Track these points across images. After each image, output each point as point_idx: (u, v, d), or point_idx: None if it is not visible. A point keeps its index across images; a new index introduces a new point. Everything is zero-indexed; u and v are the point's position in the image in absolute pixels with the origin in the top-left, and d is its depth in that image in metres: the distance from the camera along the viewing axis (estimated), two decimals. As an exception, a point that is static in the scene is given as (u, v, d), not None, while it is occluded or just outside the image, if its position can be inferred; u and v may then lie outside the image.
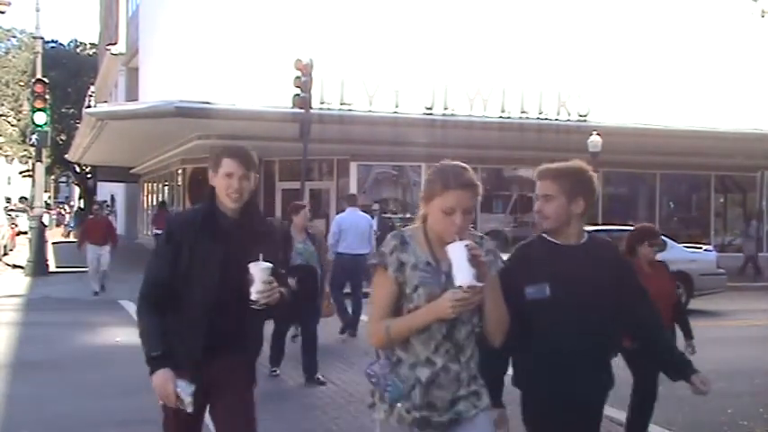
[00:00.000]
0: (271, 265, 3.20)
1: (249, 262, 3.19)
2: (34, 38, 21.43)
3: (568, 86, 20.19)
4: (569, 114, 20.32)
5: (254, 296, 3.17)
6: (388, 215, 21.27)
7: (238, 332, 3.39)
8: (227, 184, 3.33)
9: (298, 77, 16.54)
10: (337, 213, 12.97)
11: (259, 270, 3.17)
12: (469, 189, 2.80)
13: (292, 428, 6.14)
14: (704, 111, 20.94)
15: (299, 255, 7.80)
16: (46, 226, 21.95)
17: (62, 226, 41.39)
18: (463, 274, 2.66)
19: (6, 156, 67.32)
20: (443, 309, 2.68)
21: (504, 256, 3.11)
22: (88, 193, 58.79)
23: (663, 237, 15.98)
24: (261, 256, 3.20)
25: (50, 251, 22.58)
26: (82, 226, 17.72)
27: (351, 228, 10.85)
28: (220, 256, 3.33)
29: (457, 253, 2.69)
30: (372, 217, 19.66)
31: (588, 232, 3.32)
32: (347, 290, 10.95)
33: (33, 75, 20.93)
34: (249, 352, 3.52)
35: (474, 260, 2.68)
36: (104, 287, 15.78)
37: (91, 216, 17.27)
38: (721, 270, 14.99)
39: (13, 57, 58.76)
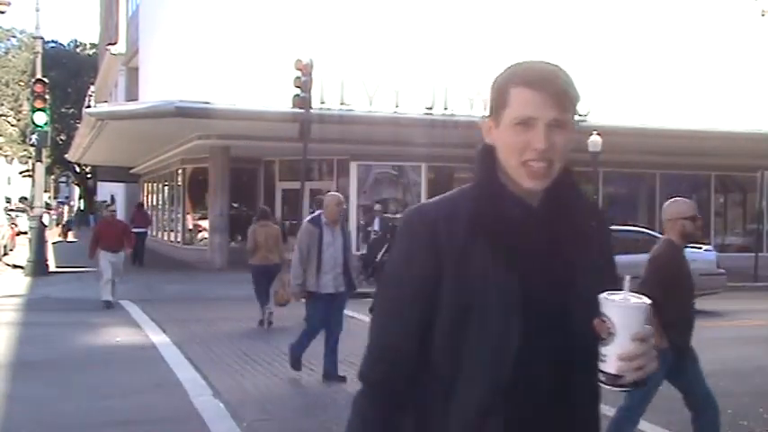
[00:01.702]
0: (649, 301, 1.54)
1: (579, 292, 1.61)
2: (34, 38, 21.42)
3: (568, 86, 20.17)
4: (569, 114, 20.32)
5: (614, 366, 1.52)
6: (388, 215, 21.25)
7: None
8: (522, 143, 1.64)
9: (298, 77, 16.56)
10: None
11: (628, 311, 1.53)
12: None
13: (292, 428, 6.13)
14: (704, 111, 20.94)
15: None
16: (46, 226, 21.94)
17: (59, 226, 41.26)
18: None
19: (6, 156, 67.42)
20: None
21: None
22: (88, 193, 58.91)
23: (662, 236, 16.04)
24: (627, 278, 1.61)
25: (50, 251, 22.58)
26: (93, 230, 14.91)
27: None
28: (518, 284, 1.60)
29: None
30: (374, 217, 19.84)
31: None
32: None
33: (33, 75, 20.93)
34: None
35: None
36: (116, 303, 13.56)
37: (103, 217, 15.15)
38: (721, 270, 14.99)
39: (13, 57, 58.86)
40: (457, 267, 1.61)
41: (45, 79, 19.84)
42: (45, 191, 31.89)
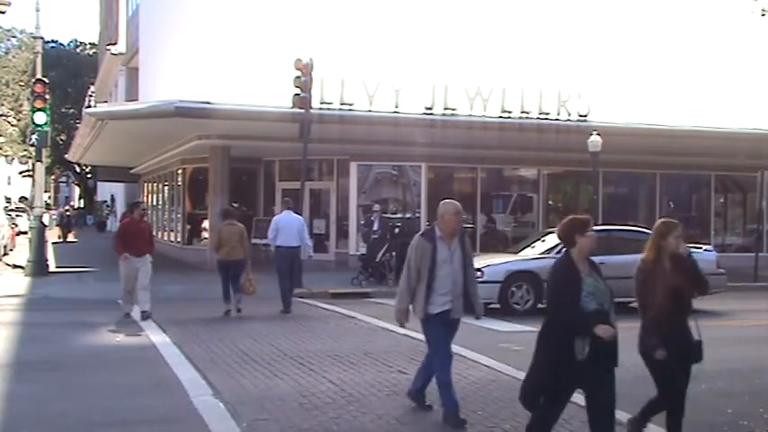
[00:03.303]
0: None
1: None
2: (34, 38, 21.42)
3: (568, 86, 20.18)
4: (569, 114, 20.32)
5: None
6: (388, 215, 21.25)
7: None
8: None
9: (298, 77, 16.56)
10: (276, 215, 15.25)
11: None
12: None
13: (292, 428, 6.13)
14: (704, 110, 20.92)
15: (591, 295, 4.92)
16: (46, 226, 21.94)
17: (60, 227, 41.03)
18: None
19: (6, 156, 67.41)
20: None
21: (505, 257, 2.72)
22: (88, 193, 58.91)
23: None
24: None
25: (50, 251, 22.58)
26: (119, 228, 13.19)
27: (286, 226, 13.37)
28: None
29: None
30: (372, 217, 19.84)
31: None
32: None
33: (33, 75, 20.93)
34: None
35: None
36: (150, 314, 11.97)
37: (127, 218, 13.22)
38: (721, 270, 14.98)
39: (13, 57, 58.90)
40: None
41: (45, 79, 19.83)
42: (45, 191, 31.89)
